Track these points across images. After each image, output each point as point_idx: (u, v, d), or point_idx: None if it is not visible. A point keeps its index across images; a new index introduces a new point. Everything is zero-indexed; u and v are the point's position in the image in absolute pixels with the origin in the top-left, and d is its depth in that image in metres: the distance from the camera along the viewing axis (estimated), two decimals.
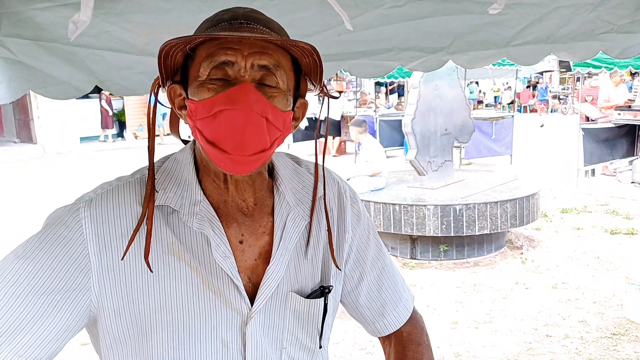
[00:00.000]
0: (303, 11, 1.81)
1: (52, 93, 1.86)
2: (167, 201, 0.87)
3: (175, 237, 0.87)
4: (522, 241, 5.98)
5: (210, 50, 0.81)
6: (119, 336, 0.86)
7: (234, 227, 0.90)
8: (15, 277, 0.81)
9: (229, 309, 0.87)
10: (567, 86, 25.76)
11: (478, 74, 13.71)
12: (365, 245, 1.05)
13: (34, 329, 0.80)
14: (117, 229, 0.85)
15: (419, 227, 5.18)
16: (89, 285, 0.83)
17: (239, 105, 0.78)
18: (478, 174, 6.89)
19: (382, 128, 11.19)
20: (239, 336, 0.88)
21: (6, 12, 1.76)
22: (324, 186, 0.99)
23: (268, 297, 0.89)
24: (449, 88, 6.04)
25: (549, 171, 9.66)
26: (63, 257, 0.82)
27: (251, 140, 0.79)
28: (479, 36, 1.79)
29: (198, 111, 0.81)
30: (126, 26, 1.78)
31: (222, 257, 0.86)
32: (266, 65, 0.82)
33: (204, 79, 0.81)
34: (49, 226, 0.85)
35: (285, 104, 0.84)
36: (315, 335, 0.96)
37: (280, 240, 0.91)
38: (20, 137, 15.57)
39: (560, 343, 3.71)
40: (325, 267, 0.97)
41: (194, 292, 0.86)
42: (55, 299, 0.81)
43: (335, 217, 1.00)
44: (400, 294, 1.10)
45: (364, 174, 5.87)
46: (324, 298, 0.94)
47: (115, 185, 0.89)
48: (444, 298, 4.53)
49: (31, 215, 7.14)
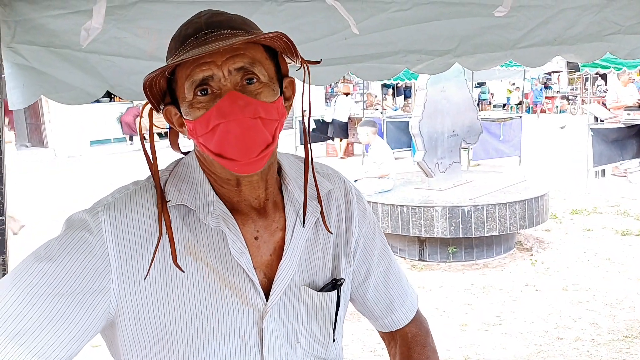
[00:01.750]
0: (310, 16, 1.83)
1: (64, 98, 1.90)
2: (183, 201, 0.90)
3: (193, 236, 0.89)
4: (531, 243, 5.95)
5: (187, 71, 0.84)
6: (138, 339, 0.88)
7: (249, 224, 0.92)
8: (35, 279, 0.82)
9: (246, 305, 0.89)
10: (576, 86, 25.59)
11: (485, 75, 13.68)
12: (371, 241, 1.07)
13: (54, 329, 0.82)
14: (136, 232, 0.87)
15: (427, 229, 5.17)
16: (109, 287, 0.85)
17: (231, 116, 0.81)
18: (486, 175, 6.87)
19: (389, 130, 11.18)
20: (256, 331, 0.90)
21: (20, 20, 1.79)
22: (331, 183, 1.02)
23: (282, 291, 0.91)
24: (456, 89, 6.03)
25: (558, 172, 9.60)
26: (84, 259, 0.84)
27: (253, 143, 0.83)
28: (485, 38, 1.80)
29: (196, 129, 0.84)
30: (136, 32, 1.81)
31: (238, 253, 0.88)
32: (242, 67, 0.84)
33: (191, 99, 0.84)
34: (69, 229, 0.87)
35: (272, 94, 0.86)
36: (328, 329, 0.98)
37: (292, 236, 0.93)
38: (32, 140, 15.72)
39: (571, 345, 3.68)
40: (336, 262, 1.00)
41: (211, 289, 0.88)
42: (75, 301, 0.83)
43: (343, 213, 1.02)
44: (406, 290, 1.13)
45: (372, 175, 5.87)
46: (336, 291, 0.97)
47: (133, 189, 0.91)
48: (452, 300, 4.52)
49: (44, 217, 7.21)
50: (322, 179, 1.01)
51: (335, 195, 1.02)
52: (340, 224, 1.02)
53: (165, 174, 0.94)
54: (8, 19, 1.79)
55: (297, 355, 0.95)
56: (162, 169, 0.94)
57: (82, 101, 1.92)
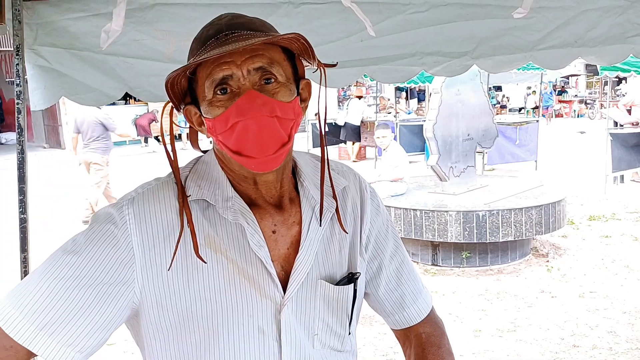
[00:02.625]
0: (326, 18, 1.84)
1: (84, 100, 1.92)
2: (203, 196, 0.93)
3: (212, 230, 0.92)
4: (547, 249, 5.88)
5: (208, 71, 0.87)
6: (161, 327, 0.91)
7: (266, 219, 0.95)
8: (63, 271, 0.86)
9: (264, 297, 0.92)
10: (594, 90, 25.29)
11: (502, 78, 13.57)
12: (384, 237, 1.09)
13: (81, 319, 0.85)
14: (159, 224, 0.90)
15: (441, 233, 5.13)
16: (133, 278, 0.88)
17: (249, 114, 0.84)
18: (502, 179, 6.80)
19: (402, 133, 11.14)
20: (274, 323, 0.92)
21: (41, 22, 1.83)
22: (345, 178, 1.04)
23: (299, 285, 0.94)
24: (471, 93, 5.99)
25: (576, 177, 9.48)
26: (109, 252, 0.87)
27: (270, 140, 0.86)
28: (504, 40, 1.79)
29: (216, 127, 0.88)
30: (155, 34, 1.83)
31: (257, 246, 0.91)
32: (261, 66, 0.87)
33: (211, 98, 0.87)
34: (95, 223, 0.91)
35: (289, 95, 0.89)
36: (345, 322, 1.00)
37: (308, 230, 0.95)
38: (49, 142, 15.94)
39: (588, 354, 3.62)
40: (352, 256, 1.02)
41: (230, 281, 0.91)
42: (101, 292, 0.86)
43: (358, 208, 1.05)
44: (419, 288, 1.13)
45: (385, 179, 5.86)
46: (353, 284, 0.98)
47: (155, 184, 0.95)
48: (466, 306, 4.47)
49: (63, 216, 7.30)
50: (337, 176, 1.03)
51: (351, 192, 1.04)
52: (356, 219, 1.04)
53: (185, 171, 0.96)
54: (30, 22, 1.82)
55: (314, 347, 0.97)
56: (182, 167, 0.97)
57: (101, 102, 1.95)
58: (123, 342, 3.67)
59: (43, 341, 0.83)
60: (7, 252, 4.51)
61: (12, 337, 0.83)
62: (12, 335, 0.83)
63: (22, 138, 1.79)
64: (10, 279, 1.82)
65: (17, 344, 0.83)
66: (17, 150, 1.80)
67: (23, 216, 1.79)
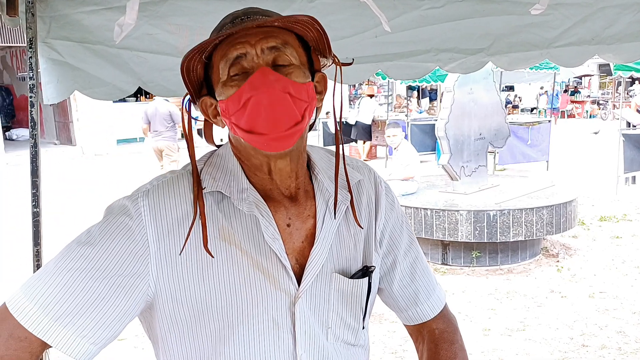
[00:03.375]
0: (340, 13, 1.82)
1: (97, 94, 1.92)
2: (217, 188, 0.92)
3: (227, 222, 0.92)
4: (558, 249, 5.84)
5: (223, 52, 0.88)
6: (175, 319, 0.91)
7: (281, 211, 0.94)
8: (77, 262, 0.86)
9: (278, 290, 0.91)
10: (607, 91, 25.04)
11: (514, 78, 13.46)
12: (398, 232, 1.08)
13: (95, 311, 0.85)
14: (173, 216, 0.90)
15: (451, 233, 5.11)
16: (148, 270, 0.88)
17: (261, 89, 0.83)
18: (513, 179, 6.76)
19: (413, 132, 11.10)
20: (288, 315, 0.92)
21: (55, 16, 1.82)
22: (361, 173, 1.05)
23: (314, 277, 0.93)
24: (484, 92, 5.95)
25: (587, 178, 9.40)
26: (124, 243, 0.87)
27: (281, 116, 0.85)
28: (520, 37, 1.76)
29: (229, 108, 0.87)
30: (168, 28, 1.82)
31: (271, 239, 0.91)
32: (275, 46, 0.87)
33: (225, 79, 0.88)
34: (110, 215, 0.90)
35: (303, 77, 0.89)
36: (359, 315, 1.00)
37: (323, 223, 0.95)
38: (60, 138, 16.03)
39: (597, 354, 3.60)
40: (367, 250, 1.01)
41: (245, 273, 0.90)
42: (115, 284, 0.86)
43: (373, 202, 1.04)
44: (433, 284, 1.12)
45: (396, 177, 5.84)
46: (367, 278, 0.98)
47: (170, 177, 0.95)
48: (476, 305, 4.46)
49: (75, 212, 7.35)
50: (352, 170, 1.03)
51: (366, 186, 1.04)
52: (371, 214, 1.03)
53: (200, 163, 0.96)
54: (43, 15, 1.82)
55: (328, 340, 0.97)
56: (197, 159, 0.96)
57: (114, 97, 1.95)
58: (133, 338, 3.69)
59: (58, 332, 0.84)
60: (20, 247, 4.55)
61: (27, 327, 0.83)
62: (27, 326, 0.83)
63: (35, 132, 1.79)
64: (24, 272, 1.83)
65: (31, 335, 0.83)
66: (30, 144, 1.80)
67: (36, 210, 1.79)
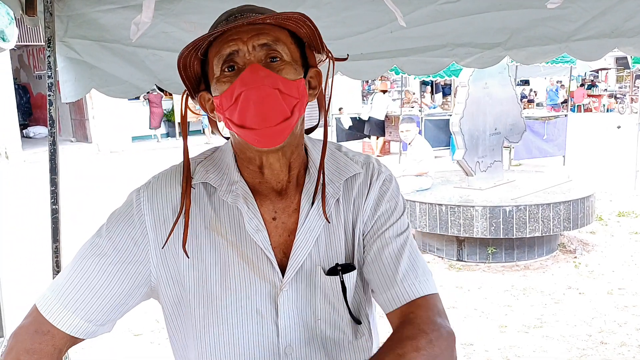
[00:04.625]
0: (355, 9, 1.82)
1: (114, 92, 1.94)
2: (208, 179, 0.97)
3: (214, 213, 0.95)
4: (575, 245, 5.77)
5: (216, 49, 0.90)
6: (174, 304, 0.97)
7: (267, 205, 0.97)
8: (87, 251, 0.94)
9: (263, 280, 0.94)
10: (625, 84, 24.65)
11: (529, 72, 13.29)
12: (384, 218, 1.00)
13: (101, 297, 0.92)
14: (168, 207, 0.95)
15: (466, 229, 5.08)
16: (148, 258, 0.94)
17: (251, 85, 0.86)
18: (529, 174, 6.69)
19: (427, 128, 11.03)
20: (272, 306, 0.94)
21: (72, 15, 1.84)
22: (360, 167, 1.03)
23: (296, 270, 0.95)
24: (499, 86, 5.89)
25: (605, 173, 9.27)
26: (125, 232, 0.94)
27: (270, 111, 0.87)
28: (538, 31, 1.74)
29: (223, 103, 0.89)
30: (183, 26, 1.83)
31: (254, 230, 0.93)
32: (266, 43, 0.89)
33: (219, 75, 0.90)
34: (118, 208, 0.98)
35: (294, 73, 0.90)
36: (341, 311, 0.97)
37: (306, 216, 0.96)
38: (76, 136, 16.22)
39: (616, 351, 3.56)
40: (351, 246, 0.99)
41: (230, 264, 0.94)
42: (119, 270, 0.93)
43: (364, 194, 1.00)
44: (416, 272, 0.97)
45: (410, 173, 5.81)
46: (338, 276, 0.96)
47: (169, 170, 1.00)
48: (492, 301, 4.42)
49: (92, 209, 7.44)
50: (351, 163, 1.02)
51: (359, 180, 1.01)
52: (361, 208, 1.00)
53: (200, 157, 1.01)
54: (61, 14, 1.84)
55: (315, 332, 0.97)
56: (199, 154, 1.02)
57: (130, 95, 1.96)
58: (149, 333, 3.73)
59: (67, 318, 0.90)
60: (39, 244, 4.61)
61: (50, 320, 0.90)
62: (49, 318, 0.90)
63: (54, 130, 1.81)
64: (43, 269, 1.85)
65: (54, 328, 0.89)
66: (49, 142, 1.83)
67: (55, 207, 1.82)
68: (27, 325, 0.91)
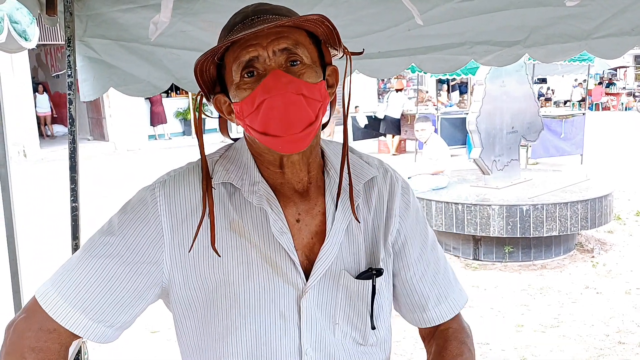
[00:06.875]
0: (372, 7, 1.81)
1: (132, 91, 1.96)
2: (229, 179, 0.94)
3: (237, 214, 0.93)
4: (593, 244, 5.70)
5: (235, 54, 0.88)
6: (187, 306, 0.94)
7: (290, 207, 0.95)
8: (97, 249, 0.91)
9: (286, 283, 0.93)
10: None
11: (547, 70, 13.12)
12: (411, 237, 1.04)
13: (112, 297, 0.90)
14: (187, 207, 0.93)
15: (483, 228, 5.04)
16: (162, 258, 0.92)
17: (275, 92, 0.84)
18: (546, 173, 6.62)
19: (443, 126, 10.96)
20: (295, 309, 0.93)
21: (91, 14, 1.86)
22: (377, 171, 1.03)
23: (322, 274, 0.94)
24: (516, 84, 5.83)
25: (623, 172, 9.13)
26: (140, 232, 0.91)
27: (295, 118, 0.85)
28: (558, 29, 1.72)
29: (243, 110, 0.88)
30: (201, 25, 1.84)
31: (279, 233, 0.92)
32: (286, 47, 0.87)
33: (239, 81, 0.88)
34: (129, 204, 0.95)
35: (315, 76, 0.89)
36: (365, 315, 0.98)
37: (333, 220, 0.95)
38: (94, 134, 16.40)
39: (634, 351, 3.51)
40: (375, 251, 1.00)
41: (253, 265, 0.92)
42: (132, 270, 0.90)
43: (385, 202, 1.02)
44: (447, 291, 1.07)
45: (426, 172, 5.78)
46: (372, 280, 0.97)
47: (185, 168, 0.98)
48: (508, 301, 4.39)
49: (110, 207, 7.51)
50: (367, 166, 1.02)
51: (378, 184, 1.02)
52: (381, 214, 1.01)
53: (215, 156, 0.99)
54: (80, 14, 1.86)
55: (335, 336, 0.97)
56: (213, 152, 1.00)
57: (148, 94, 1.98)
58: (166, 330, 3.76)
59: (75, 318, 0.88)
60: (58, 242, 4.67)
61: (55, 319, 0.88)
62: (55, 317, 0.88)
63: (74, 128, 1.83)
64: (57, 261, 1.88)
65: (60, 327, 0.88)
66: (69, 140, 1.85)
67: (74, 204, 1.84)
68: (29, 322, 0.88)
